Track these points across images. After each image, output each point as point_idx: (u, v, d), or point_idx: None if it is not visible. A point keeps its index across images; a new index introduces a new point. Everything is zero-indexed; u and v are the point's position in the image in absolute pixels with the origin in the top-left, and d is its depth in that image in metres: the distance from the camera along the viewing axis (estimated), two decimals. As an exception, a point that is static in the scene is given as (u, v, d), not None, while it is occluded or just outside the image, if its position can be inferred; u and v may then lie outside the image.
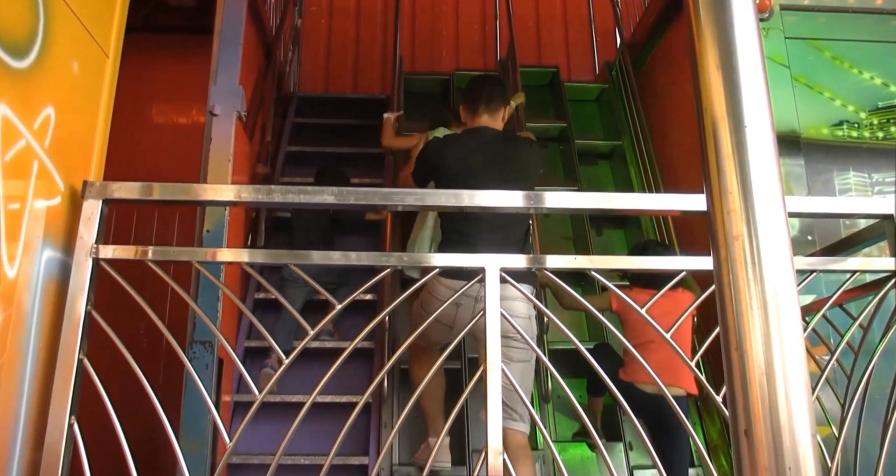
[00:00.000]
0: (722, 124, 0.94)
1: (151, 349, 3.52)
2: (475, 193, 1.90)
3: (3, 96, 1.51)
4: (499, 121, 2.97)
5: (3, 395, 1.58)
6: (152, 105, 4.27)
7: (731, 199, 0.91)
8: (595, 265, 1.84)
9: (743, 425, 0.83)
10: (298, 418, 1.87)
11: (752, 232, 0.89)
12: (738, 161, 0.91)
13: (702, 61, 1.00)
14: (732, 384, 0.84)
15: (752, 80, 0.96)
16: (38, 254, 1.71)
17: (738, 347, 0.86)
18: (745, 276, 0.88)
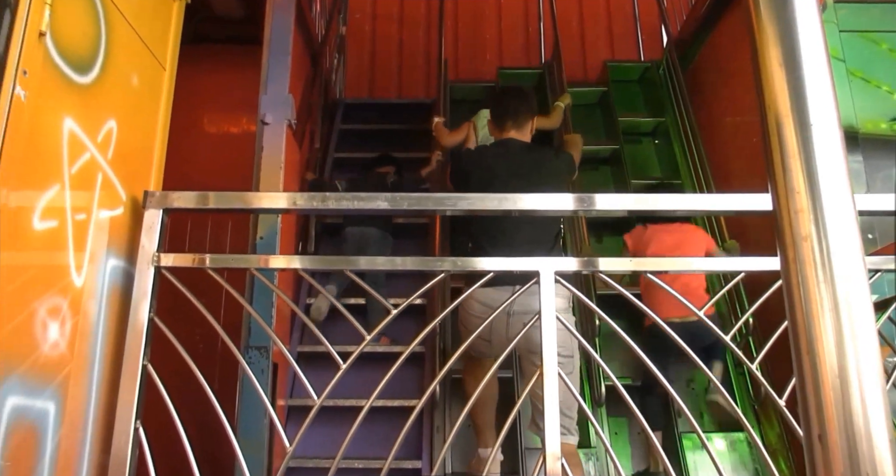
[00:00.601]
0: (786, 122, 0.92)
1: (207, 355, 3.58)
2: (528, 197, 1.89)
3: (69, 111, 1.56)
4: (526, 134, 2.99)
5: (72, 400, 1.63)
6: (203, 115, 4.37)
7: (798, 198, 0.89)
8: (647, 268, 1.81)
9: (816, 430, 0.80)
10: (354, 427, 1.89)
11: (822, 232, 0.86)
12: (805, 159, 0.89)
13: (764, 59, 0.98)
14: (804, 388, 0.82)
15: (816, 77, 0.93)
16: (103, 263, 1.76)
17: (810, 350, 0.84)
18: (814, 277, 0.86)
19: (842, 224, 0.87)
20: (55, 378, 1.57)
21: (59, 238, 1.56)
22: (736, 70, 4.04)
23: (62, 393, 1.59)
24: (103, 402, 1.76)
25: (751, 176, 3.77)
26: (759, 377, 1.74)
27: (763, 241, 3.39)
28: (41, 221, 1.48)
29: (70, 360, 1.62)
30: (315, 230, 4.18)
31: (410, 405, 3.33)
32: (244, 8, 3.89)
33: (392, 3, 6.27)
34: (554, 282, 1.71)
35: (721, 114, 4.20)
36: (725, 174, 4.07)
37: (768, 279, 1.97)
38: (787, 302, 0.88)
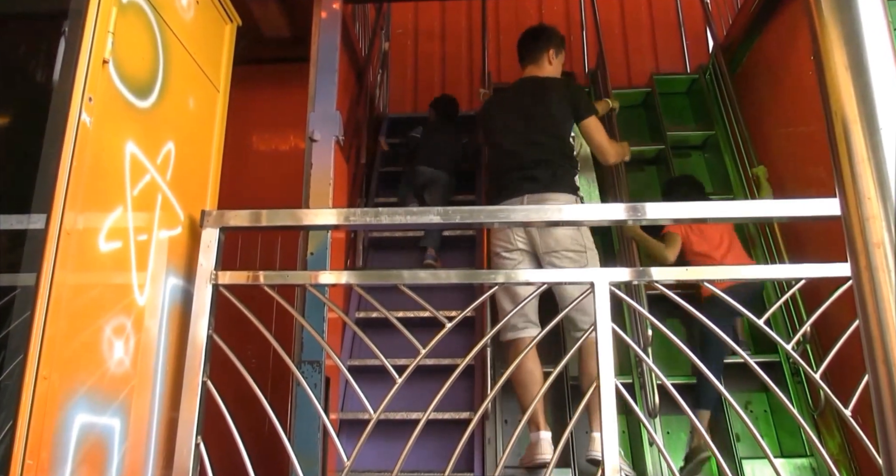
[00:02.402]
0: (854, 127, 0.90)
1: (259, 372, 3.63)
2: (577, 208, 1.90)
3: (131, 135, 1.61)
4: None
5: (136, 416, 1.67)
6: (254, 134, 4.45)
7: (869, 205, 0.87)
8: (705, 276, 1.78)
9: None
10: (411, 442, 1.90)
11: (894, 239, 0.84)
12: (875, 165, 0.87)
13: (828, 62, 0.96)
14: (881, 397, 0.80)
15: (884, 80, 0.91)
16: (164, 282, 1.81)
17: (886, 361, 0.81)
18: (889, 284, 0.83)
19: (914, 229, 0.84)
20: (120, 394, 1.61)
21: (123, 258, 1.61)
22: (785, 74, 3.96)
23: (127, 409, 1.63)
24: (165, 417, 1.80)
25: (803, 183, 3.68)
26: (822, 387, 1.70)
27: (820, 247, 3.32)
28: (106, 243, 1.52)
29: (133, 376, 1.66)
30: (363, 244, 4.22)
31: (461, 418, 3.33)
32: (291, 28, 3.96)
33: (434, 19, 6.32)
34: (609, 293, 1.69)
35: (770, 120, 4.12)
36: (777, 175, 3.98)
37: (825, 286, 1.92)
38: (860, 310, 0.85)
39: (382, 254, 4.38)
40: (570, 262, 2.85)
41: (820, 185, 3.19)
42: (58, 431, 1.36)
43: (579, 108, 3.15)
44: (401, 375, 1.82)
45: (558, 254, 2.88)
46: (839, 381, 2.79)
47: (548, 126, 3.10)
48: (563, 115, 3.12)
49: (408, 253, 4.39)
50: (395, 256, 4.39)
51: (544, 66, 3.26)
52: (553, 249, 2.88)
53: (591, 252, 2.98)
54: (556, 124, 3.12)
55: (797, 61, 3.77)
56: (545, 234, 2.87)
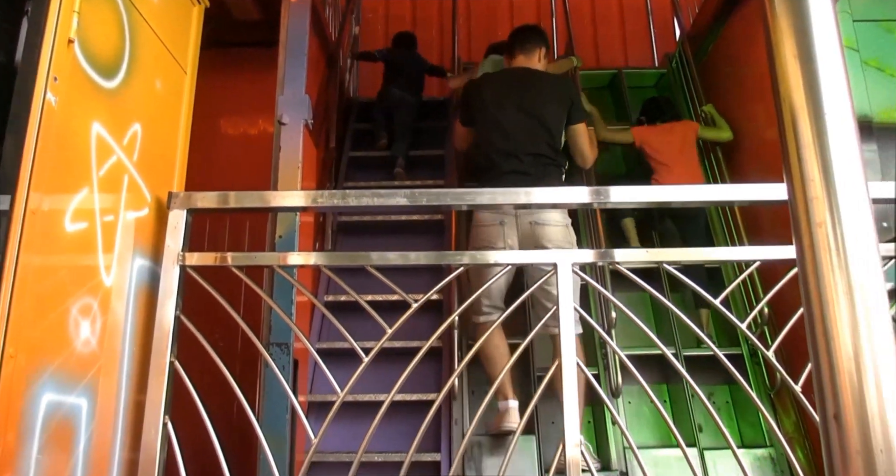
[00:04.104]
0: (801, 113, 0.95)
1: (227, 354, 3.63)
2: (540, 191, 1.93)
3: (97, 116, 1.60)
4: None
5: (103, 396, 1.67)
6: (223, 117, 4.42)
7: (812, 186, 0.92)
8: (665, 258, 1.84)
9: (832, 410, 0.83)
10: (376, 420, 1.93)
11: (836, 219, 0.89)
12: (819, 149, 0.92)
13: (779, 51, 1.01)
14: (820, 370, 0.85)
15: (830, 68, 0.96)
16: (130, 263, 1.81)
17: (825, 334, 0.86)
18: (829, 262, 0.88)
19: (856, 211, 0.89)
20: (87, 374, 1.61)
21: (89, 239, 1.61)
22: (748, 63, 4.04)
23: (94, 389, 1.63)
24: (132, 398, 1.81)
25: (763, 169, 3.78)
26: (774, 363, 1.76)
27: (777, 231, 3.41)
28: (72, 224, 1.52)
29: (100, 357, 1.67)
30: (332, 228, 4.23)
31: (428, 399, 3.38)
32: (261, 12, 3.94)
33: (405, 4, 6.32)
34: (571, 272, 1.74)
35: (734, 109, 4.21)
36: (738, 166, 4.08)
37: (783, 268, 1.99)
38: (803, 287, 0.90)
39: (352, 238, 4.39)
40: None
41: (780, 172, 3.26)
42: (25, 411, 1.37)
43: (575, 111, 3.22)
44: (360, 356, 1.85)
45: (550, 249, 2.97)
46: (794, 360, 2.88)
47: (545, 119, 3.15)
48: (560, 113, 3.18)
49: (377, 237, 4.41)
50: (364, 240, 4.40)
51: (535, 62, 3.31)
52: (545, 245, 2.93)
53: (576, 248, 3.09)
54: (553, 119, 3.17)
55: (760, 51, 3.83)
56: (540, 231, 2.94)
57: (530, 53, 3.30)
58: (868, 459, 0.80)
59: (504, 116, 3.14)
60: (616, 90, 5.24)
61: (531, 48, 3.30)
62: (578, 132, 3.25)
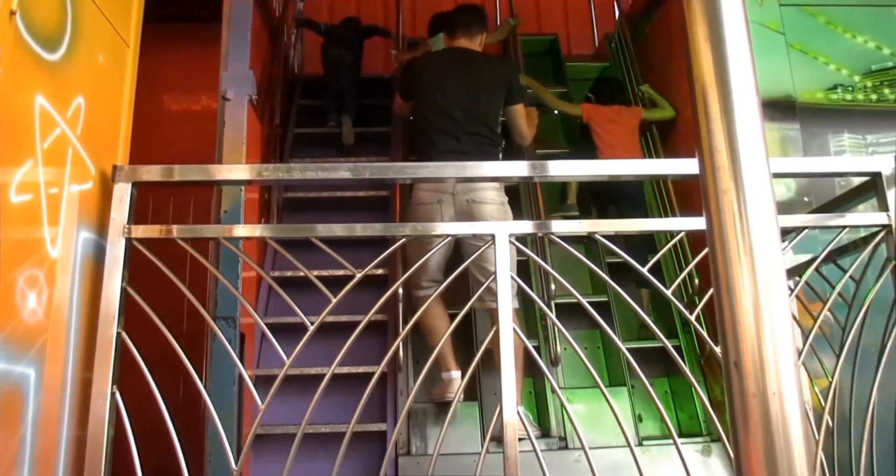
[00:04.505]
0: (711, 91, 1.05)
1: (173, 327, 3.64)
2: (483, 165, 2.01)
3: (40, 88, 1.61)
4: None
5: (51, 365, 1.70)
6: (167, 93, 4.38)
7: (719, 157, 1.01)
8: (598, 229, 1.94)
9: (734, 358, 0.93)
10: (320, 389, 1.99)
11: (739, 186, 0.99)
12: (726, 123, 1.02)
13: (692, 34, 1.11)
14: (724, 322, 0.95)
15: (737, 51, 1.06)
16: (76, 235, 1.83)
17: (728, 290, 0.96)
18: (733, 226, 0.98)
19: (757, 179, 0.99)
20: (34, 344, 1.64)
21: (34, 211, 1.62)
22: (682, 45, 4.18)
23: (41, 358, 1.66)
24: (80, 367, 1.83)
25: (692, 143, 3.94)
26: (695, 324, 1.88)
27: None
28: (17, 196, 1.54)
29: (48, 327, 1.69)
30: (277, 205, 4.25)
31: (374, 371, 3.45)
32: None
33: (350, -22, 6.29)
34: (508, 242, 1.82)
35: (669, 88, 4.35)
36: (673, 145, 4.24)
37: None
38: (710, 248, 1.00)
39: (298, 214, 4.41)
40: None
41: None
42: (-27, 378, 1.39)
43: (514, 92, 3.34)
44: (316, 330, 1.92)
45: None
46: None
47: (483, 101, 3.26)
48: (498, 94, 3.30)
49: (323, 214, 4.44)
50: (310, 217, 4.43)
51: (476, 44, 3.43)
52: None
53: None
54: (491, 101, 3.29)
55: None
56: (477, 209, 3.00)
57: (473, 37, 3.40)
58: (763, 401, 0.90)
59: (443, 97, 3.22)
60: (556, 56, 5.37)
61: (475, 32, 3.41)
62: (517, 113, 3.37)
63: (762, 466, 0.91)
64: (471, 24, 3.42)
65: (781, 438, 0.91)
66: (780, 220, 2.27)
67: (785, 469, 0.90)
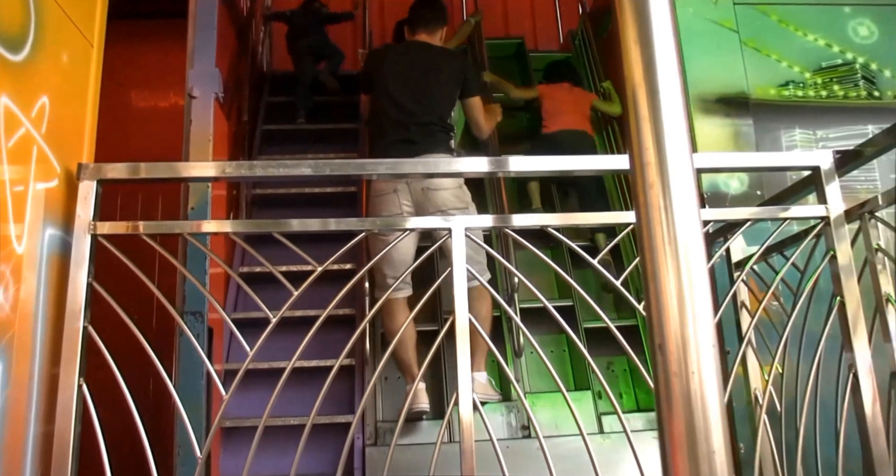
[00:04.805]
0: (640, 91, 1.12)
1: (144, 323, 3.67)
2: (442, 161, 2.09)
3: (3, 89, 1.65)
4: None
5: (18, 358, 1.74)
6: (132, 90, 4.39)
7: (647, 153, 1.09)
8: (552, 222, 2.02)
9: (658, 341, 1.01)
10: (281, 382, 2.06)
11: (665, 181, 1.06)
12: (654, 122, 1.09)
13: (624, 37, 1.18)
14: (650, 306, 1.03)
15: (665, 53, 1.14)
16: (41, 232, 1.87)
17: (654, 277, 1.04)
18: (659, 218, 1.06)
19: (681, 175, 1.07)
20: (2, 339, 1.68)
21: (0, 209, 1.66)
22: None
23: (9, 352, 1.70)
24: (48, 362, 1.88)
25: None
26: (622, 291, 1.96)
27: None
28: (-18, 193, 1.58)
29: (15, 321, 1.73)
30: (246, 201, 4.29)
31: (344, 364, 3.51)
32: (167, -18, 3.93)
33: (317, -26, 6.29)
34: (464, 235, 1.90)
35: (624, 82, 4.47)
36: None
37: None
38: (638, 238, 1.08)
39: (266, 211, 4.46)
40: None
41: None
42: (-59, 371, 1.43)
43: (469, 86, 3.43)
44: (278, 325, 1.98)
45: (445, 213, 3.08)
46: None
47: (436, 93, 3.33)
48: (452, 87, 3.38)
49: (292, 209, 4.49)
50: (278, 213, 4.48)
51: (436, 39, 3.52)
52: (440, 209, 3.10)
53: (472, 206, 3.26)
54: (445, 93, 3.37)
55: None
56: (433, 196, 3.10)
57: (433, 32, 3.49)
58: (683, 380, 0.98)
59: (397, 89, 3.31)
60: (522, 60, 5.47)
61: (434, 28, 3.50)
62: (472, 105, 3.47)
63: (683, 438, 0.98)
64: (430, 20, 3.50)
65: (700, 413, 0.98)
66: (727, 212, 2.39)
67: (703, 441, 0.98)
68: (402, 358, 3.17)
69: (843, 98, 3.41)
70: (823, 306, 2.18)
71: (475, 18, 4.92)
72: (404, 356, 3.15)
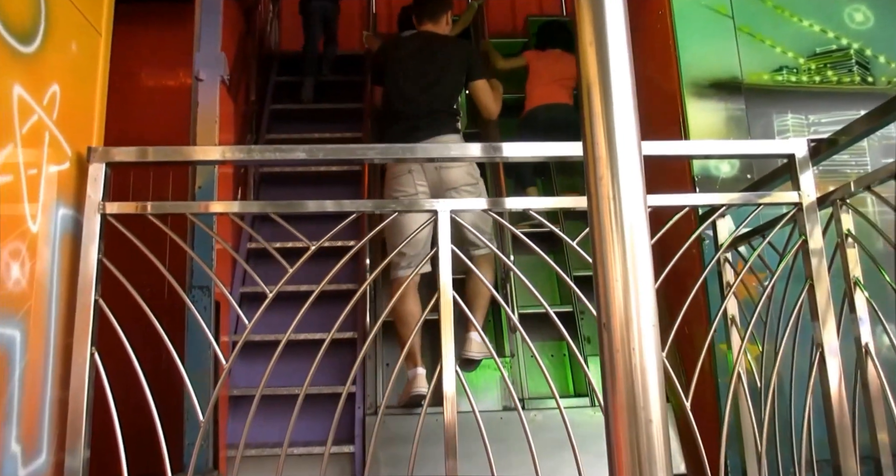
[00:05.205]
0: (595, 89, 1.22)
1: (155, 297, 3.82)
2: (433, 147, 2.20)
3: (17, 79, 1.78)
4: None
5: (34, 329, 1.89)
6: (140, 72, 4.51)
7: (599, 148, 1.19)
8: (534, 206, 2.13)
9: (604, 320, 1.12)
10: (277, 352, 2.19)
11: (615, 173, 1.17)
12: (605, 119, 1.19)
13: (581, 39, 1.28)
14: (598, 288, 1.14)
15: (618, 55, 1.23)
16: (54, 212, 2.00)
17: (602, 263, 1.15)
18: (608, 208, 1.16)
19: (629, 168, 1.17)
20: (19, 311, 1.82)
21: (16, 191, 1.80)
22: (637, 30, 4.32)
23: (26, 323, 1.85)
24: (62, 332, 2.02)
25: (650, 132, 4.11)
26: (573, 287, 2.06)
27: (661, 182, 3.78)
28: None
29: (31, 295, 1.87)
30: (254, 179, 4.42)
31: (343, 337, 3.67)
32: (175, -35, 4.02)
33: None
34: (450, 220, 2.01)
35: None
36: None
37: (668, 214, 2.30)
38: (590, 227, 1.18)
39: (273, 188, 4.59)
40: (468, 193, 3.31)
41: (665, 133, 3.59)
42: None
43: (474, 69, 3.59)
44: (286, 300, 2.11)
45: (458, 189, 3.30)
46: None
47: (444, 81, 3.50)
48: (459, 74, 3.55)
49: (299, 187, 4.62)
50: (286, 190, 4.61)
51: (442, 26, 3.68)
52: (453, 186, 3.29)
53: (481, 182, 3.45)
54: (452, 81, 3.54)
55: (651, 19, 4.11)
56: (446, 174, 3.30)
57: (439, 21, 3.65)
58: (625, 356, 1.09)
59: (406, 79, 3.47)
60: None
61: (440, 16, 3.66)
62: (478, 88, 3.59)
63: (624, 408, 1.10)
64: (434, 8, 3.66)
65: (640, 386, 1.09)
66: (708, 197, 2.50)
67: (641, 410, 1.09)
68: (405, 341, 3.27)
69: (836, 83, 3.46)
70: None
71: (477, 2, 5.00)
72: (405, 339, 3.25)
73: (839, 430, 2.11)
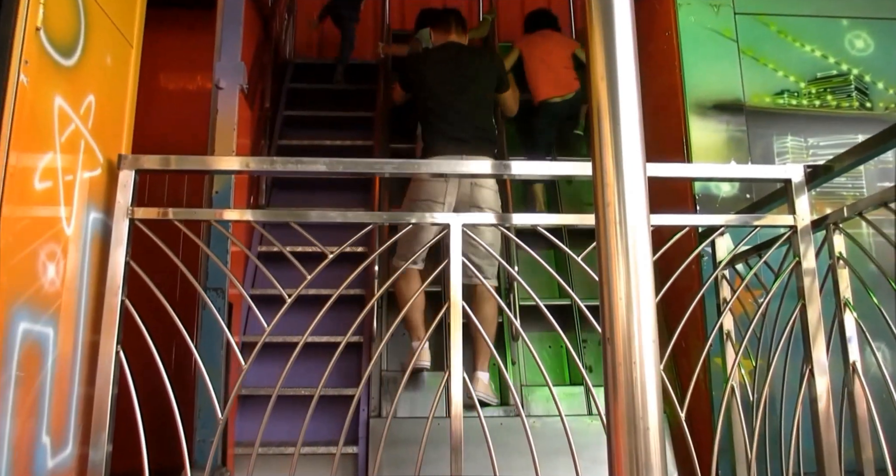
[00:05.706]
0: (605, 122, 1.32)
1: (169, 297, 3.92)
2: (445, 163, 2.30)
3: (58, 90, 1.88)
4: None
5: (65, 326, 1.99)
6: (161, 76, 4.62)
7: (608, 175, 1.28)
8: (541, 222, 2.23)
9: (608, 335, 1.22)
10: (294, 355, 2.28)
11: (621, 200, 1.26)
12: (614, 146, 1.29)
13: (593, 72, 1.38)
14: (603, 305, 1.24)
15: (627, 87, 1.33)
16: (86, 216, 2.11)
17: (608, 283, 1.24)
18: (615, 231, 1.26)
19: (635, 194, 1.27)
20: (51, 308, 1.92)
21: (54, 195, 1.90)
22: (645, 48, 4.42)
23: (58, 320, 1.95)
24: (90, 330, 2.12)
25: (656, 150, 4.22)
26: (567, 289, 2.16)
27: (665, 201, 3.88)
28: (40, 182, 1.82)
29: (63, 293, 1.98)
30: (266, 183, 4.52)
31: (352, 341, 3.76)
32: (198, -26, 4.14)
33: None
34: (461, 232, 2.12)
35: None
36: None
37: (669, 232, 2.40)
38: (598, 247, 1.28)
39: (286, 192, 4.70)
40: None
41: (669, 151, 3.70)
42: (5, 334, 1.68)
43: (503, 82, 3.86)
44: (294, 302, 2.21)
45: (484, 209, 3.41)
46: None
47: (480, 91, 3.72)
48: (492, 84, 3.80)
49: (311, 192, 4.73)
50: (298, 195, 4.71)
51: (465, 38, 3.91)
52: (482, 205, 3.41)
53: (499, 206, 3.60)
54: (486, 93, 3.78)
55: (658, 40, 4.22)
56: (477, 192, 3.43)
57: (462, 35, 3.89)
58: (627, 369, 1.18)
59: (445, 94, 3.65)
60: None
61: (462, 30, 3.90)
62: (506, 97, 3.96)
63: (624, 418, 1.20)
64: (459, 23, 3.89)
65: (640, 398, 1.19)
66: (707, 219, 2.58)
67: (640, 421, 1.19)
68: (411, 318, 3.52)
69: (835, 108, 3.57)
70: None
71: (491, 16, 5.13)
72: (412, 317, 3.51)
73: (826, 445, 2.21)
